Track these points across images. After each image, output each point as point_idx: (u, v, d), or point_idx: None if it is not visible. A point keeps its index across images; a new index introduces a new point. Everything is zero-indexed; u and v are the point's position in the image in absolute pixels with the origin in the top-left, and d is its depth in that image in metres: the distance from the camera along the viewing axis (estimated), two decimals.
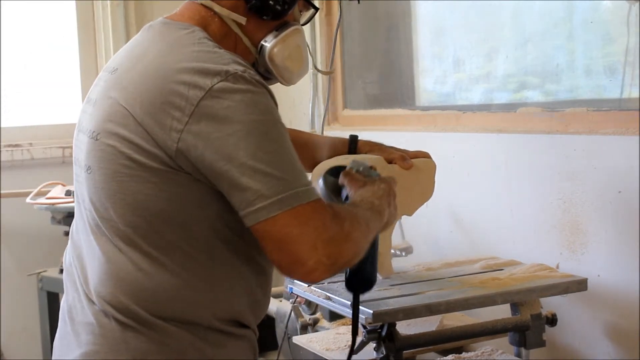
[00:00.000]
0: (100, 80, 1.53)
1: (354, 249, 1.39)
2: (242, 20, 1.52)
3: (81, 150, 1.50)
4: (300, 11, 1.63)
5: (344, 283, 1.56)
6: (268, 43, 1.55)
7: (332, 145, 1.92)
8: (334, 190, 1.61)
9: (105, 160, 1.42)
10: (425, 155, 1.94)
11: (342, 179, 1.57)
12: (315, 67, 1.80)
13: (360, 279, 1.53)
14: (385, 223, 1.52)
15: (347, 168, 1.60)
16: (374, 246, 1.51)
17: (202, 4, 1.52)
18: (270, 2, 1.51)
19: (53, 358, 1.54)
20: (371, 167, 1.61)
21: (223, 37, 1.51)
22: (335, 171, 1.64)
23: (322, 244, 1.31)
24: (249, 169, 1.31)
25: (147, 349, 1.39)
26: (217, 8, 1.51)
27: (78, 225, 1.52)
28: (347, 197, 1.54)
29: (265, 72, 1.58)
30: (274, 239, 1.33)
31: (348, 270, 1.52)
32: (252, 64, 1.54)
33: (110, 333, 1.41)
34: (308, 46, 1.66)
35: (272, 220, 1.31)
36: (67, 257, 1.57)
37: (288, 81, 1.63)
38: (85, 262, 1.48)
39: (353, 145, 1.90)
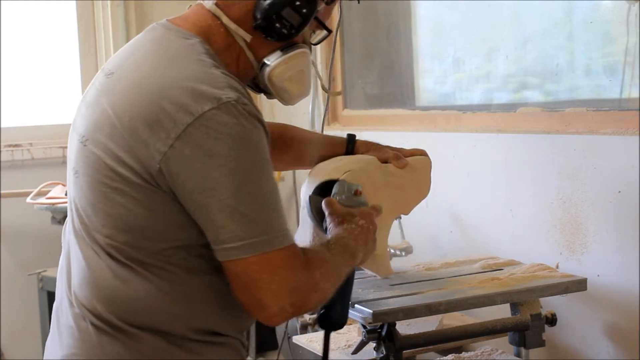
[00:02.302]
0: (96, 81, 1.50)
1: (320, 298, 1.41)
2: (247, 37, 1.48)
3: (72, 151, 1.49)
4: (313, 31, 1.58)
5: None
6: (270, 63, 1.51)
7: (331, 144, 1.92)
8: (318, 211, 1.64)
9: (90, 168, 1.41)
10: (422, 153, 1.94)
11: (324, 207, 1.58)
12: (324, 88, 1.75)
13: (330, 320, 1.55)
14: (361, 260, 1.53)
15: (332, 193, 1.61)
16: (346, 286, 1.52)
17: (210, 11, 1.48)
18: (277, 24, 1.46)
19: (44, 358, 1.54)
20: (356, 192, 1.61)
21: (226, 48, 1.48)
22: (322, 189, 1.66)
23: (287, 293, 1.33)
24: (227, 207, 1.31)
25: (121, 355, 1.39)
26: (224, 19, 1.47)
27: (68, 224, 1.52)
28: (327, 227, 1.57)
29: (265, 88, 1.56)
30: (242, 280, 1.34)
31: (320, 309, 1.54)
32: (252, 78, 1.53)
33: (87, 337, 1.41)
34: (315, 65, 1.60)
35: (243, 261, 1.32)
36: (61, 255, 1.57)
37: (286, 102, 1.59)
38: (70, 263, 1.48)
39: (351, 144, 1.91)
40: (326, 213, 1.57)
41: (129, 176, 1.35)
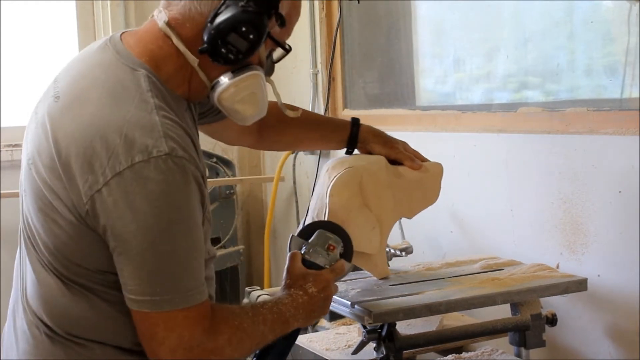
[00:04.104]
0: (46, 98, 1.48)
1: None
2: (194, 62, 1.43)
3: (22, 167, 1.51)
4: (272, 50, 1.52)
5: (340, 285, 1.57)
6: (219, 85, 1.46)
7: (332, 126, 1.94)
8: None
9: (33, 193, 1.44)
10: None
11: (287, 259, 1.60)
12: (283, 107, 1.66)
13: None
14: (302, 324, 1.54)
15: (310, 240, 1.63)
16: (281, 342, 1.53)
17: (162, 30, 1.43)
18: (222, 50, 1.40)
19: (1, 350, 1.57)
20: (329, 247, 1.63)
21: (178, 70, 1.44)
22: (306, 231, 1.67)
23: (182, 351, 1.35)
24: (136, 262, 1.33)
25: None
26: (174, 40, 1.42)
27: (20, 226, 1.55)
28: None
29: (217, 108, 1.53)
30: (141, 329, 1.37)
31: (253, 355, 1.54)
32: (207, 97, 1.50)
33: (41, 345, 1.44)
34: (272, 83, 1.56)
35: (143, 313, 1.35)
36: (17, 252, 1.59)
37: (240, 122, 1.54)
38: (25, 267, 1.50)
39: (355, 128, 1.90)
40: (285, 267, 1.59)
41: (62, 210, 1.37)
